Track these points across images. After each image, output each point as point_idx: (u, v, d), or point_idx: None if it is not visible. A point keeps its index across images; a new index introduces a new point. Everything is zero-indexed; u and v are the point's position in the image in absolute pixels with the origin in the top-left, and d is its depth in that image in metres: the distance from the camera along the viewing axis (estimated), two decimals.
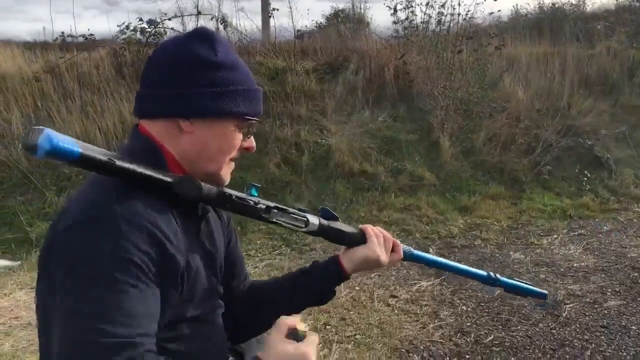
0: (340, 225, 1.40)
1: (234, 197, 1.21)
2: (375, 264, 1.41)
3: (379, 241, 1.41)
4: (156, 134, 1.17)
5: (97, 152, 1.02)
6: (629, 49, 8.97)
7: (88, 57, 7.05)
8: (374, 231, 1.42)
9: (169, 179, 1.10)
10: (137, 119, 1.22)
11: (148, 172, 1.08)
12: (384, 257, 1.40)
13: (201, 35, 1.19)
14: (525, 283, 1.59)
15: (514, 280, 1.58)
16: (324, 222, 1.37)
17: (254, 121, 1.23)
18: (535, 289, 1.59)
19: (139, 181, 1.08)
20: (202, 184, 1.14)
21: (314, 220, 1.34)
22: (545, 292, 1.64)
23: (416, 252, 1.49)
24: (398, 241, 1.46)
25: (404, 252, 1.46)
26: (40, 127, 0.97)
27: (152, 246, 1.03)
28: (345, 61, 7.89)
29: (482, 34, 8.64)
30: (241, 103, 1.18)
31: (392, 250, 1.44)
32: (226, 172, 1.24)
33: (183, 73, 1.14)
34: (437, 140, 6.81)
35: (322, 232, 1.37)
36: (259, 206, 1.23)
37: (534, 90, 7.71)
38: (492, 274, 1.54)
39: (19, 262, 4.52)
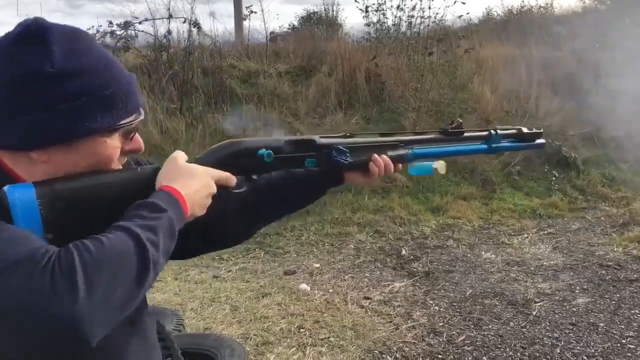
0: None
1: None
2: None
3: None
4: (6, 161, 0.95)
5: None
6: (594, 50, 9.15)
7: None
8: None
9: None
10: None
11: None
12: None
13: (32, 39, 0.91)
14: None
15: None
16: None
17: (128, 124, 0.98)
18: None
19: None
20: None
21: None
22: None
23: (417, 150, 1.40)
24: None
25: (406, 156, 1.38)
26: None
27: None
28: (317, 63, 7.92)
29: (452, 36, 8.74)
30: (100, 115, 0.93)
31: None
32: None
33: (18, 95, 0.89)
34: None
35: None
36: None
37: (502, 91, 7.83)
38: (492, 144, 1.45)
39: None
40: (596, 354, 3.21)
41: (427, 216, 5.81)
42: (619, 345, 3.30)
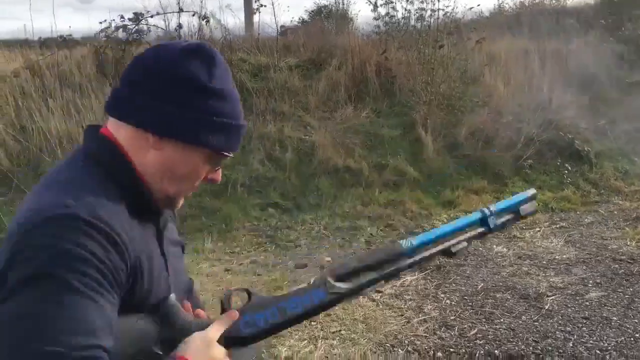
0: None
1: None
2: None
3: None
4: (122, 139, 1.09)
5: None
6: (608, 42, 9.07)
7: (69, 55, 6.98)
8: None
9: None
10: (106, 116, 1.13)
11: None
12: None
13: (202, 55, 1.09)
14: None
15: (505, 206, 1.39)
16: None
17: (227, 156, 1.15)
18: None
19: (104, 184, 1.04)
20: None
21: None
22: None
23: (416, 240, 1.26)
24: None
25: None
26: None
27: (112, 251, 0.96)
28: (328, 57, 7.90)
29: (463, 29, 8.69)
30: (220, 137, 1.10)
31: None
32: (182, 198, 1.17)
33: (170, 89, 1.06)
34: (419, 135, 6.85)
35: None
36: None
37: (514, 84, 7.77)
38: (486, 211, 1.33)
39: None
40: (609, 348, 3.19)
41: (438, 210, 5.79)
42: (632, 339, 3.28)
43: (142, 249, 1.07)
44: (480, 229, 1.34)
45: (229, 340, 1.11)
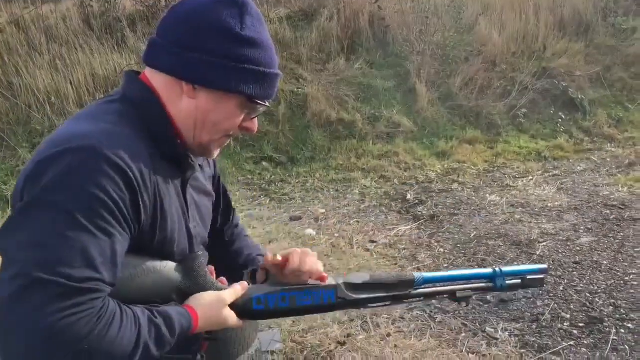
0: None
1: None
2: None
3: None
4: (157, 87, 1.13)
5: None
6: None
7: (54, 9, 6.83)
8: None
9: None
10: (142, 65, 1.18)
11: None
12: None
13: (234, 4, 1.11)
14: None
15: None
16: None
17: (262, 105, 1.16)
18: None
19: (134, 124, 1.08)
20: None
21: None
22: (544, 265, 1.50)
23: (428, 275, 1.33)
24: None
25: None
26: None
27: (125, 190, 0.98)
28: (319, 8, 7.75)
29: None
30: (252, 84, 1.11)
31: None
32: (218, 146, 1.20)
33: (202, 37, 1.08)
34: (413, 86, 6.79)
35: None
36: None
37: (509, 33, 7.67)
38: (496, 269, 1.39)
39: None
40: (599, 291, 3.24)
41: (432, 161, 5.80)
42: (622, 282, 3.33)
43: (164, 193, 1.11)
44: (488, 284, 1.39)
45: (238, 310, 1.17)
